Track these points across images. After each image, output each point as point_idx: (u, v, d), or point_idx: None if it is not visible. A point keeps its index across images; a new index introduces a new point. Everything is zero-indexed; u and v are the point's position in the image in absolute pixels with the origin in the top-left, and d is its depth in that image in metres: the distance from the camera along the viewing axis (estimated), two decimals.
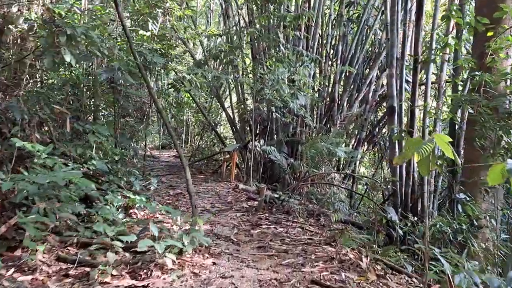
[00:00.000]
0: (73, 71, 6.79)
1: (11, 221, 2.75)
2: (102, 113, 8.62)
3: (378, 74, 9.37)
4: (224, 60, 7.41)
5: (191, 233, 3.01)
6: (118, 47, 6.04)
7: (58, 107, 4.00)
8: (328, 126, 8.75)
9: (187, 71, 6.60)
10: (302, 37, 8.44)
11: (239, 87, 9.50)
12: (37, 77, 5.82)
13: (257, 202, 5.71)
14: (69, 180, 3.32)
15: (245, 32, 7.42)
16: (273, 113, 7.23)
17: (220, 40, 10.57)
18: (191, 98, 10.60)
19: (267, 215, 5.26)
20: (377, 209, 5.18)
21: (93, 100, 7.77)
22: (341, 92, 9.19)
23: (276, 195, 5.76)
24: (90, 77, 6.99)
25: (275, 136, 8.87)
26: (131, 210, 4.57)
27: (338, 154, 7.29)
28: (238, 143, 9.29)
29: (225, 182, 8.12)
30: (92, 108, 8.02)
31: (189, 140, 15.59)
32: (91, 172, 4.79)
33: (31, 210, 3.02)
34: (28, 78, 5.83)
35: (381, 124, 9.85)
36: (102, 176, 5.08)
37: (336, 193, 6.70)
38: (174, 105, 11.27)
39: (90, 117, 7.05)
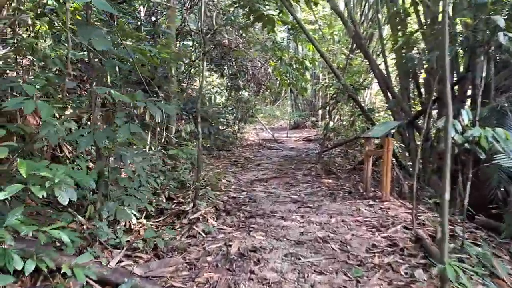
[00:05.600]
0: None
1: None
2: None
3: None
4: None
5: None
6: None
7: None
8: None
9: None
10: None
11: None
12: None
13: None
14: None
15: None
16: (485, 43, 2.59)
17: None
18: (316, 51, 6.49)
19: None
20: None
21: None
22: None
23: None
24: None
25: (478, 100, 4.14)
26: None
27: None
28: (396, 120, 4.86)
29: (370, 203, 3.94)
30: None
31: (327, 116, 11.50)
32: None
33: None
34: None
35: None
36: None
37: None
38: (292, 64, 7.40)
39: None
